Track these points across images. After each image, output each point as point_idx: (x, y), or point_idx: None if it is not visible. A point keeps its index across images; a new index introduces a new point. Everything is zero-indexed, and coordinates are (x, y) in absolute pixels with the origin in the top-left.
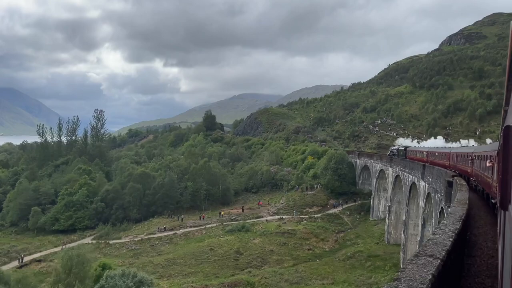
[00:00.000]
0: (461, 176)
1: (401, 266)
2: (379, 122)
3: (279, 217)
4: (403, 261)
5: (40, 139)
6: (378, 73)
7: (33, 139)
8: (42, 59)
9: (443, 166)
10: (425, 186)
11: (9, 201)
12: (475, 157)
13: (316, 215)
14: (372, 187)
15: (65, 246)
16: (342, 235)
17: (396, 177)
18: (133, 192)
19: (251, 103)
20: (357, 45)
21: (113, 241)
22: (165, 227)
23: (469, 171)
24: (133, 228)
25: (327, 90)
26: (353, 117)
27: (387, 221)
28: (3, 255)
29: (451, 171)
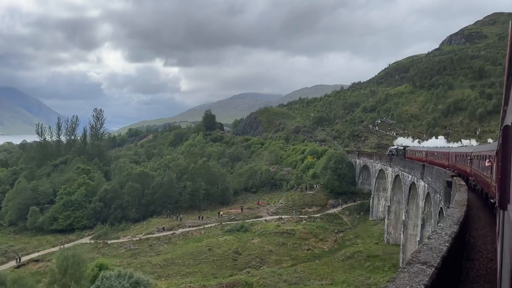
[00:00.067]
0: (460, 176)
1: (400, 266)
2: (379, 121)
3: (278, 217)
4: (403, 261)
5: (39, 139)
6: (378, 73)
7: (33, 138)
8: (42, 58)
9: (442, 166)
10: (424, 186)
11: (7, 201)
12: (474, 157)
13: (315, 215)
14: (371, 187)
15: (63, 246)
16: (341, 235)
17: (395, 177)
18: (132, 191)
19: (251, 102)
20: (358, 44)
21: (111, 241)
22: (164, 227)
23: (468, 171)
24: (132, 228)
25: (327, 89)
26: (353, 117)
27: (386, 221)
28: (0, 255)
29: (450, 171)
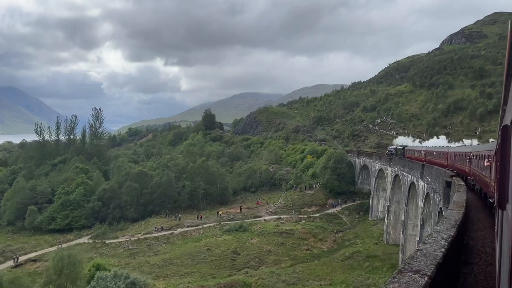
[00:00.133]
0: (459, 175)
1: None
2: (379, 121)
3: (277, 216)
4: (402, 261)
5: (38, 138)
6: (378, 72)
7: (32, 137)
8: (42, 58)
9: (441, 165)
10: (424, 186)
11: (6, 200)
12: (473, 156)
13: (314, 215)
14: (371, 186)
15: (61, 245)
16: (340, 235)
17: (395, 177)
18: (131, 191)
19: (251, 102)
20: (358, 44)
21: (109, 241)
22: (162, 227)
23: (467, 170)
24: (130, 227)
25: (328, 89)
26: (353, 116)
27: (386, 221)
28: None
29: (449, 170)
